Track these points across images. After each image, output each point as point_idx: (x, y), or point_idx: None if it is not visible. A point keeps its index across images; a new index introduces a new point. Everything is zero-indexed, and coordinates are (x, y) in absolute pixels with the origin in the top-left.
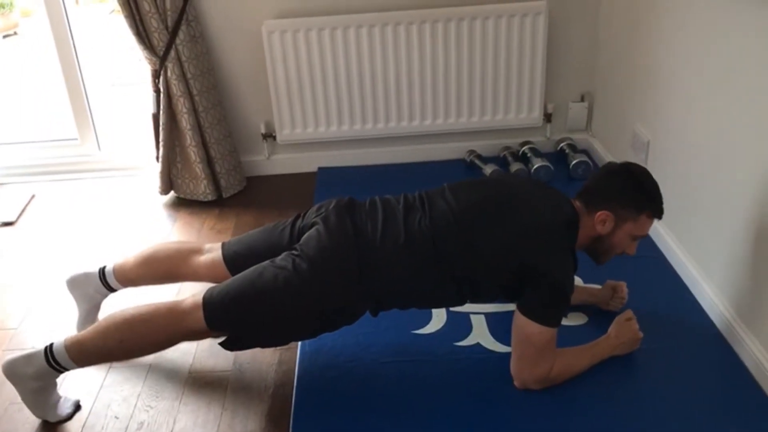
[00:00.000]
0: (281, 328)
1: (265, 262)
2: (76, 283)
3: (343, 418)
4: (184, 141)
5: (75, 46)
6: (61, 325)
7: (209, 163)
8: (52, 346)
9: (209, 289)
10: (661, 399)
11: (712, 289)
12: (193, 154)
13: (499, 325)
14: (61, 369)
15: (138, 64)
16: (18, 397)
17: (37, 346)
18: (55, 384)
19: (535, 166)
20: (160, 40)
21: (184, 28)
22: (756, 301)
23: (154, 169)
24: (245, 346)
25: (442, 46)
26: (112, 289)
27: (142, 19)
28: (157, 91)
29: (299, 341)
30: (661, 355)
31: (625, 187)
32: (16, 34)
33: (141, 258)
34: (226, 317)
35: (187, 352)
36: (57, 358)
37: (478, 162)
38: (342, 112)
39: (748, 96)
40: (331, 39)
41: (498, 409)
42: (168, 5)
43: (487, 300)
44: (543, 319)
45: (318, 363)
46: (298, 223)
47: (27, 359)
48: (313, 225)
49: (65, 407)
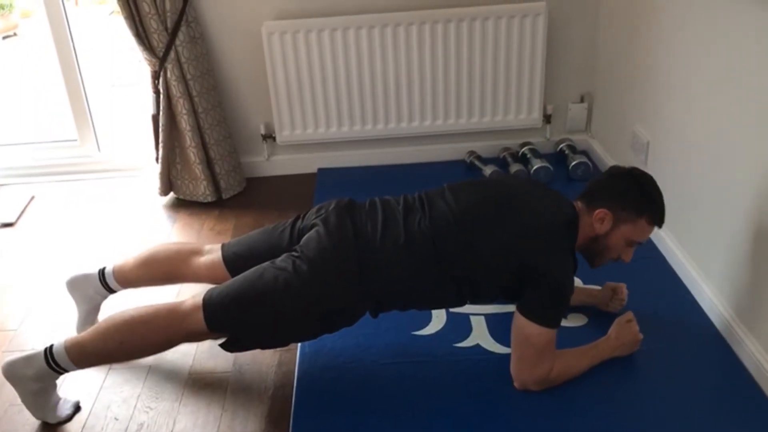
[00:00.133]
0: (281, 330)
1: (265, 264)
2: (75, 285)
3: (342, 419)
4: (183, 142)
5: (75, 48)
6: (61, 326)
7: (209, 164)
8: (51, 347)
9: (209, 291)
10: (661, 400)
11: (711, 290)
12: (193, 155)
13: (498, 326)
14: (60, 370)
15: (137, 65)
16: (18, 398)
17: (36, 347)
18: (54, 385)
19: (535, 167)
20: (159, 42)
21: (183, 29)
22: (756, 301)
23: (154, 170)
24: (245, 347)
25: (442, 47)
26: (111, 291)
27: (141, 21)
28: (157, 92)
29: (299, 342)
30: (660, 356)
31: (628, 189)
32: (15, 35)
33: (141, 259)
34: (226, 318)
35: (187, 354)
36: (57, 359)
37: (477, 163)
38: (342, 113)
39: (747, 96)
40: (331, 40)
41: (498, 410)
42: (168, 6)
43: (486, 301)
44: (543, 320)
45: (318, 364)
46: (298, 225)
47: (27, 361)
48: (313, 226)
49: (65, 408)
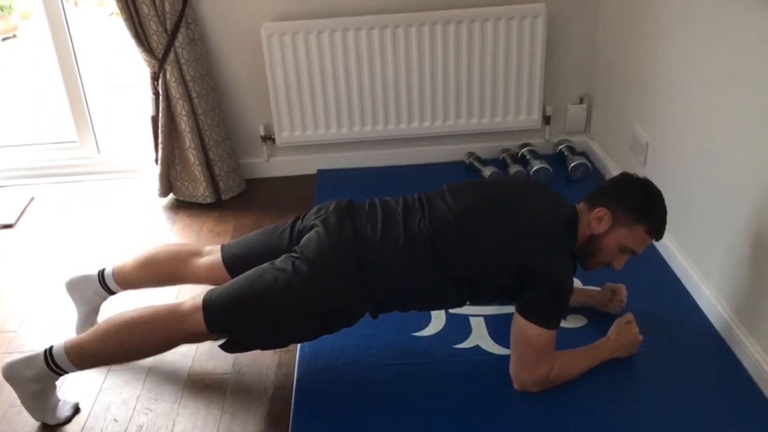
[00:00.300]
0: (281, 330)
1: (265, 265)
2: (75, 286)
3: (342, 420)
4: (183, 143)
5: (74, 49)
6: (61, 327)
7: (208, 165)
8: (51, 348)
9: (209, 292)
10: (661, 400)
11: (711, 291)
12: (192, 156)
13: (498, 328)
14: (60, 372)
15: (137, 66)
16: (17, 399)
17: (36, 348)
18: (54, 387)
19: (534, 168)
20: (159, 43)
21: (183, 30)
22: (755, 302)
23: (153, 172)
24: (245, 348)
25: (441, 48)
26: (111, 292)
27: (141, 22)
28: (156, 93)
29: (299, 343)
30: (660, 357)
31: (631, 192)
32: (15, 36)
33: (140, 260)
34: (226, 319)
35: (187, 355)
36: (56, 360)
37: (477, 164)
38: (341, 115)
39: (747, 97)
40: (330, 41)
41: (497, 411)
42: (167, 8)
43: (486, 301)
44: (542, 321)
45: (317, 365)
46: (298, 225)
47: (26, 362)
48: (312, 227)
49: (64, 410)
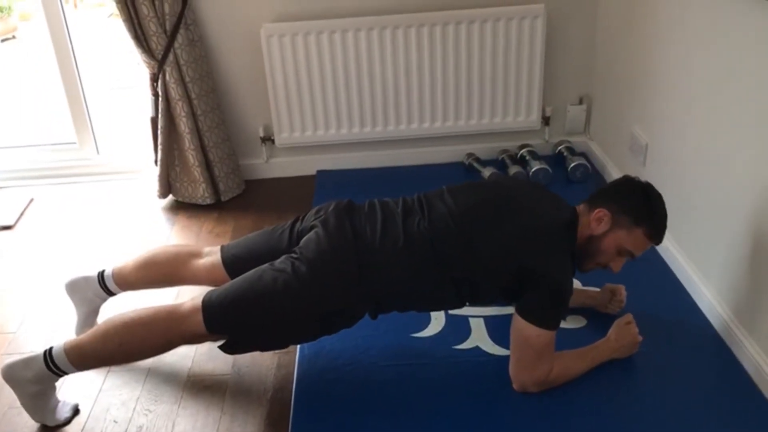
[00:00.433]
0: (280, 331)
1: (264, 266)
2: (75, 287)
3: (342, 421)
4: (182, 144)
5: (73, 50)
6: (60, 329)
7: (208, 166)
8: (51, 350)
9: (208, 293)
10: (660, 401)
11: (710, 292)
12: (192, 157)
13: (497, 328)
14: (60, 373)
15: (136, 67)
16: (17, 401)
17: (36, 350)
18: (54, 388)
19: (534, 169)
20: (158, 44)
21: (182, 31)
22: (755, 303)
23: (153, 173)
24: (244, 349)
25: (441, 49)
26: (111, 293)
27: (140, 23)
28: (156, 94)
29: (298, 344)
30: (659, 358)
31: (632, 195)
32: (14, 37)
33: (140, 262)
34: (226, 320)
35: (186, 356)
36: (56, 362)
37: (476, 165)
38: (340, 116)
39: (746, 97)
40: (330, 42)
41: (497, 412)
42: (166, 9)
43: (486, 302)
44: (542, 322)
45: (317, 366)
46: (297, 226)
47: (26, 363)
48: (312, 228)
49: (64, 411)
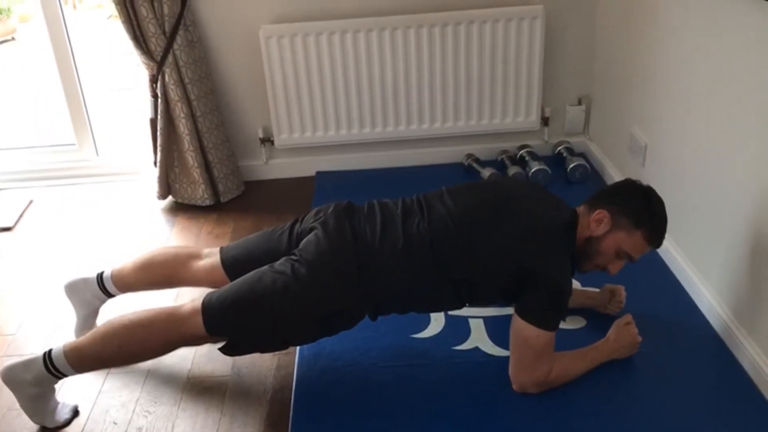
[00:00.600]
0: (280, 333)
1: (264, 267)
2: (74, 289)
3: (341, 422)
4: (182, 146)
5: (73, 51)
6: (60, 331)
7: (207, 167)
8: (50, 352)
9: (208, 294)
10: (660, 402)
11: (710, 293)
12: (191, 158)
13: (497, 329)
14: (59, 375)
15: (136, 68)
16: (16, 403)
17: (35, 352)
18: (53, 390)
19: (533, 170)
20: (157, 45)
21: (181, 33)
22: (754, 304)
23: (152, 174)
24: (244, 351)
25: (440, 50)
26: (110, 295)
27: (139, 24)
28: (155, 96)
29: (298, 346)
30: (659, 358)
31: (633, 198)
32: (14, 39)
33: (139, 263)
34: (225, 322)
35: (186, 358)
36: (56, 364)
37: (476, 165)
38: (340, 116)
39: (746, 98)
40: (329, 43)
41: (496, 412)
42: (165, 10)
43: (485, 303)
44: (541, 322)
45: (316, 367)
46: (297, 228)
47: (25, 365)
48: (311, 229)
49: (63, 413)
